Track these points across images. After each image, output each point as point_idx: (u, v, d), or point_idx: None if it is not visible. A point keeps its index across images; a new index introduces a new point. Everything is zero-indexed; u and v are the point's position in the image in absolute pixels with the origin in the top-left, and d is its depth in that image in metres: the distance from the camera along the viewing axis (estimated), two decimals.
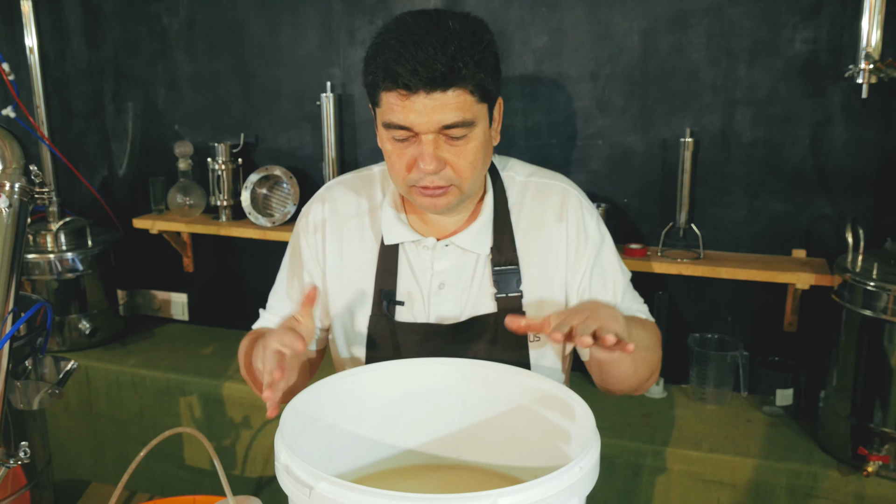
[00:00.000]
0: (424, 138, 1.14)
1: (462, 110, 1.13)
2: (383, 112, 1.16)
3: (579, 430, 0.99)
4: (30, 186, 1.29)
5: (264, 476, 2.42)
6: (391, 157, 1.20)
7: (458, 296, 1.29)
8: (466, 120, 1.14)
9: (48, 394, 1.30)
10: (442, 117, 1.12)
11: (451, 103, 1.12)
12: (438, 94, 1.11)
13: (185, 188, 2.64)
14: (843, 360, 1.88)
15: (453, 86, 1.11)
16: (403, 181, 1.20)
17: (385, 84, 1.13)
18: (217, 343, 2.71)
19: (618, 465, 2.03)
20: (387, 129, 1.17)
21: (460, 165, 1.18)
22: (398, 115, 1.13)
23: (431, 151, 1.14)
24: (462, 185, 1.20)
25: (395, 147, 1.18)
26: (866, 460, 1.81)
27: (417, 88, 1.10)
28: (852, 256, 1.90)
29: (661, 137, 2.20)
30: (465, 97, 1.13)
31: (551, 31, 2.22)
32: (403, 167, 1.18)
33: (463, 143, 1.17)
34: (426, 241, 1.29)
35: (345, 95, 2.48)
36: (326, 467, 0.86)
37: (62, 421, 2.61)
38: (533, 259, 1.29)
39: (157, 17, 2.65)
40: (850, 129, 2.04)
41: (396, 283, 1.30)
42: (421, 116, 1.12)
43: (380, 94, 1.16)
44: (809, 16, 2.01)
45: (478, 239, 1.29)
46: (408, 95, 1.11)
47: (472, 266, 1.29)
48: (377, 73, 1.14)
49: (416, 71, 1.09)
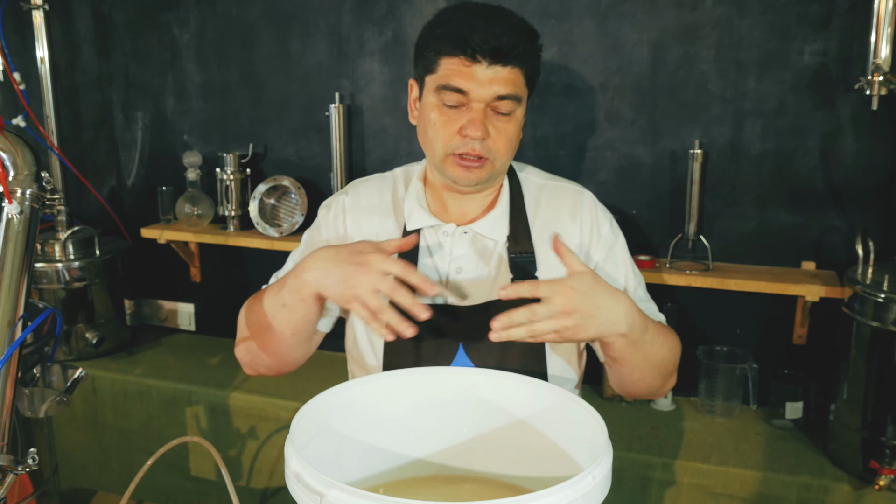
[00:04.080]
0: (476, 106, 1.21)
1: (515, 86, 1.22)
2: (440, 77, 1.22)
3: (591, 439, 0.99)
4: (41, 193, 1.30)
5: (270, 487, 2.41)
6: (437, 124, 1.25)
7: (475, 281, 1.31)
8: (517, 95, 1.23)
9: (56, 401, 1.30)
10: (498, 88, 1.20)
11: (507, 77, 1.21)
12: (499, 67, 1.19)
13: (193, 198, 2.65)
14: (853, 373, 1.87)
15: (512, 63, 1.20)
16: (445, 147, 1.25)
17: (450, 49, 1.20)
18: (224, 353, 2.70)
19: (626, 478, 2.02)
20: (440, 92, 1.23)
21: (500, 141, 1.24)
22: (458, 79, 1.20)
23: (481, 118, 1.22)
24: (496, 160, 1.26)
25: (444, 113, 1.24)
26: (878, 474, 1.79)
27: (483, 57, 1.18)
28: (862, 268, 1.89)
29: (670, 149, 2.19)
30: (519, 76, 1.22)
31: (560, 42, 2.23)
32: (449, 133, 1.24)
33: (506, 121, 1.24)
34: (446, 227, 1.33)
35: (353, 106, 2.49)
36: (336, 476, 0.85)
37: (69, 430, 2.60)
38: (548, 251, 1.31)
39: (167, 28, 2.67)
40: (860, 141, 2.04)
41: (417, 268, 1.32)
42: (480, 84, 1.20)
43: (439, 60, 1.22)
44: (819, 28, 2.01)
45: (496, 226, 1.33)
46: (471, 64, 1.19)
47: (490, 253, 1.32)
48: (444, 39, 1.21)
49: (487, 41, 1.18)
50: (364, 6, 2.41)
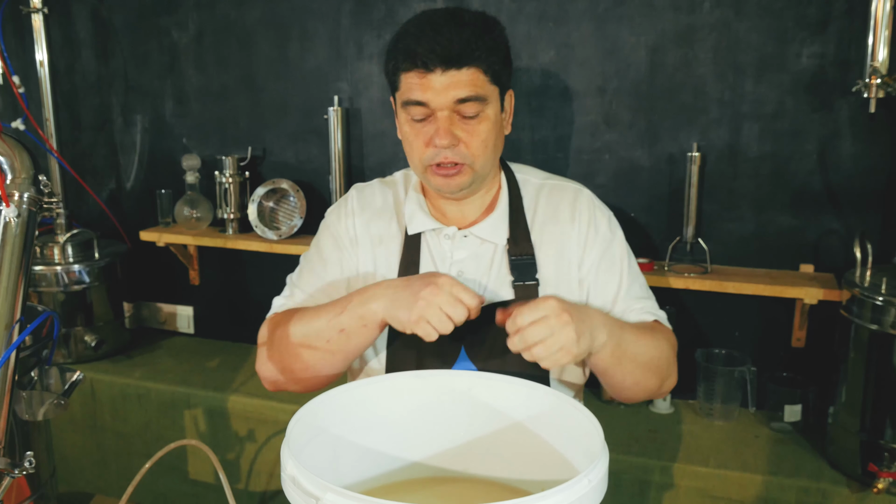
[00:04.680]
0: (440, 114, 1.23)
1: (475, 86, 1.22)
2: (403, 92, 1.25)
3: (587, 442, 0.99)
4: (38, 196, 1.30)
5: (268, 490, 2.41)
6: (409, 139, 1.28)
7: (476, 284, 1.33)
8: (479, 95, 1.22)
9: (53, 404, 1.30)
10: (456, 92, 1.21)
11: (464, 80, 1.21)
12: (453, 71, 1.20)
13: (192, 201, 2.65)
14: (851, 376, 1.87)
15: (467, 65, 1.21)
16: (420, 161, 1.27)
17: (405, 65, 1.22)
18: (223, 356, 2.70)
19: (624, 481, 2.02)
20: (405, 108, 1.25)
21: (473, 143, 1.25)
22: (416, 92, 1.22)
23: (446, 126, 1.22)
24: (474, 163, 1.26)
25: (413, 127, 1.26)
26: (876, 477, 1.79)
27: (434, 66, 1.20)
28: (861, 271, 1.89)
29: (668, 152, 2.20)
30: (479, 76, 1.22)
31: (558, 45, 2.23)
32: (421, 146, 1.26)
33: (475, 123, 1.24)
34: (447, 230, 1.34)
35: (352, 109, 2.49)
36: (332, 479, 0.85)
37: (67, 433, 2.60)
38: (547, 252, 1.33)
39: (166, 31, 2.67)
40: (858, 144, 2.04)
41: (419, 271, 1.34)
42: (437, 93, 1.21)
43: (400, 76, 1.24)
44: (816, 31, 2.01)
45: (495, 229, 1.34)
46: (425, 74, 1.20)
47: (491, 255, 1.34)
48: (398, 56, 1.24)
49: (434, 50, 1.19)
50: (362, 9, 2.42)
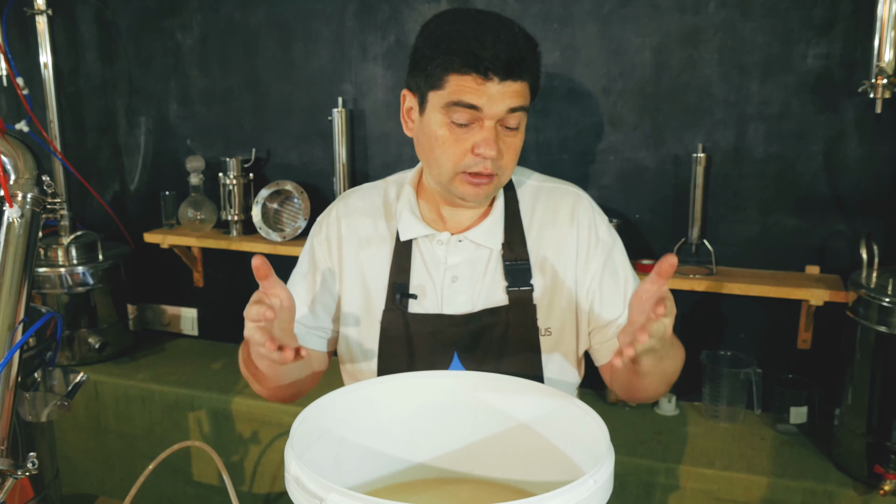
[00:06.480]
0: (488, 123, 1.19)
1: (524, 98, 1.20)
2: (451, 93, 1.18)
3: (593, 443, 0.98)
4: (42, 197, 1.29)
5: (272, 492, 2.40)
6: (445, 143, 1.22)
7: (470, 289, 1.30)
8: (526, 106, 1.21)
9: (57, 406, 1.30)
10: (510, 102, 1.18)
11: (517, 91, 1.18)
12: (510, 82, 1.17)
13: (196, 203, 2.65)
14: (858, 378, 1.86)
15: (521, 77, 1.18)
16: (454, 166, 1.22)
17: (462, 68, 1.16)
18: (226, 358, 2.70)
19: (630, 483, 2.01)
20: (449, 109, 1.19)
21: (508, 157, 1.23)
22: (470, 96, 1.17)
23: (494, 136, 1.19)
24: (503, 175, 1.25)
25: (453, 132, 1.21)
26: (883, 479, 1.78)
27: (495, 74, 1.16)
28: (867, 272, 1.88)
29: (673, 153, 2.19)
30: (526, 89, 1.20)
31: (563, 46, 2.23)
32: (459, 151, 1.21)
33: (513, 136, 1.22)
34: (440, 235, 1.32)
35: (356, 111, 2.49)
36: (336, 480, 0.85)
37: (70, 435, 2.60)
38: (544, 257, 1.31)
39: (170, 34, 2.68)
40: (864, 145, 2.03)
41: (410, 277, 1.31)
42: (493, 100, 1.17)
43: (447, 77, 1.18)
44: (822, 31, 2.01)
45: (490, 234, 1.31)
46: (484, 80, 1.16)
47: (485, 261, 1.31)
48: (452, 55, 1.17)
49: (498, 56, 1.15)
50: (366, 11, 2.42)
